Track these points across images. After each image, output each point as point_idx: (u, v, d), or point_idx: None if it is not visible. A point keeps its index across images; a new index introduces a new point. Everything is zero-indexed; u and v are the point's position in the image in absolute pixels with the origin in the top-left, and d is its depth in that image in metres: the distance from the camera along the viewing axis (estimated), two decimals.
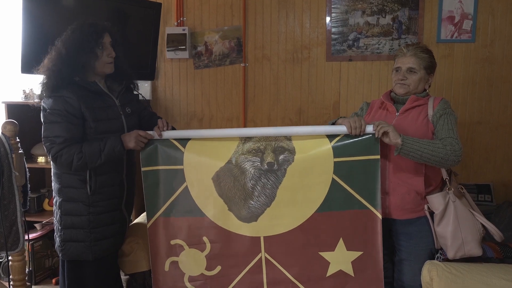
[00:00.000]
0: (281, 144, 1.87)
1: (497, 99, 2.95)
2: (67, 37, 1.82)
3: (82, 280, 1.90)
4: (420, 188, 1.85)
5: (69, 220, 1.87)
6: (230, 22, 3.14)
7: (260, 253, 1.89)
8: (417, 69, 1.86)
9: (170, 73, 3.25)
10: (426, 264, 1.86)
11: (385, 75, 3.01)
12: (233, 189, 1.89)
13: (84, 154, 1.76)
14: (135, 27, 2.82)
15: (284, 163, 1.86)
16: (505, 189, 2.98)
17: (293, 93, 3.13)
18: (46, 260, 2.75)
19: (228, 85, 3.20)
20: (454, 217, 1.81)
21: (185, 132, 1.99)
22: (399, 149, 1.71)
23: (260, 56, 3.14)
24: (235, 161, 1.89)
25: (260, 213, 1.89)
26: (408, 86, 1.88)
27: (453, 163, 1.74)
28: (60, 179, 1.88)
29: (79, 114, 1.79)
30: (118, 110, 1.93)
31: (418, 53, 1.87)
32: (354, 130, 1.77)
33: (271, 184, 1.87)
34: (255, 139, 1.89)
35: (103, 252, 1.91)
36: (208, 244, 1.92)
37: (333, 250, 1.86)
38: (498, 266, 1.84)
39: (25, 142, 2.25)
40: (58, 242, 1.91)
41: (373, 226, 1.82)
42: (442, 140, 1.75)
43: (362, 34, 3.01)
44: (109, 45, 1.86)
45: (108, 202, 1.91)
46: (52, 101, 1.77)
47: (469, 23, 2.90)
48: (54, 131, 1.77)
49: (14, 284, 2.02)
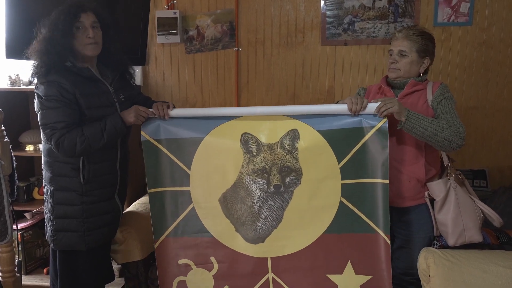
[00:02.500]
0: (287, 164, 1.82)
1: (493, 84, 2.92)
2: (48, 19, 1.76)
3: (74, 270, 1.87)
4: (420, 175, 1.83)
5: (61, 209, 1.83)
6: (222, 5, 3.06)
7: (268, 274, 1.89)
8: (407, 52, 1.83)
9: (161, 58, 3.17)
10: (423, 251, 1.85)
11: (381, 59, 2.96)
12: (239, 210, 1.87)
13: (87, 136, 1.72)
14: (124, 10, 2.73)
15: (291, 185, 1.83)
16: (500, 175, 2.98)
17: (287, 78, 3.07)
18: (37, 250, 2.71)
19: (221, 70, 3.13)
20: (455, 204, 1.80)
21: (188, 111, 1.94)
22: (402, 124, 1.68)
23: (253, 40, 3.07)
24: (241, 183, 1.86)
25: (267, 234, 1.87)
26: (399, 71, 1.85)
27: (456, 146, 1.72)
28: (52, 168, 1.83)
29: (74, 99, 1.75)
30: (112, 97, 1.88)
31: (410, 35, 1.83)
32: (355, 105, 1.71)
33: (278, 206, 1.85)
34: (259, 158, 1.83)
35: (96, 242, 1.88)
36: (215, 264, 1.91)
37: (341, 273, 1.85)
38: (495, 253, 1.84)
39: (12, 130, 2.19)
40: (50, 232, 1.86)
41: (381, 251, 1.79)
42: (447, 122, 1.72)
43: (357, 18, 2.95)
44: (88, 25, 1.77)
45: (102, 191, 1.87)
46: (46, 87, 1.71)
47: (466, 6, 2.84)
48: (53, 117, 1.71)
49: (3, 276, 1.98)
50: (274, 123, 1.81)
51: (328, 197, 1.81)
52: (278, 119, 1.81)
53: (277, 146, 1.82)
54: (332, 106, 1.82)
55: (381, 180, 1.75)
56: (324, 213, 1.82)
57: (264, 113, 1.86)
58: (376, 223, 1.78)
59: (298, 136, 1.80)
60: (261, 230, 1.86)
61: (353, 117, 1.75)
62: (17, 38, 2.14)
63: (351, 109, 1.72)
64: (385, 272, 1.81)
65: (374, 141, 1.74)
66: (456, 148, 1.73)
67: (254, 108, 1.93)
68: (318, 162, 1.80)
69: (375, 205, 1.77)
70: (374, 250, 1.80)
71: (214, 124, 1.84)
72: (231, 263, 1.90)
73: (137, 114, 1.81)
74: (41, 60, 1.73)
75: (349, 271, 1.84)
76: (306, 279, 1.87)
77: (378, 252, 1.79)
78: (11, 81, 2.69)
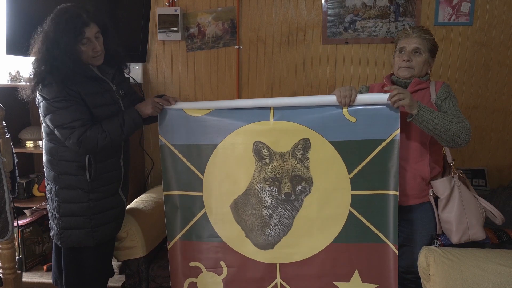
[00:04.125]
0: (298, 173, 1.84)
1: (493, 84, 2.93)
2: (46, 28, 1.70)
3: (80, 266, 1.88)
4: (425, 173, 1.83)
5: (68, 207, 1.83)
6: (223, 3, 3.06)
7: (276, 279, 1.92)
8: (422, 50, 1.82)
9: (162, 56, 3.16)
10: (423, 250, 1.86)
11: (382, 58, 2.97)
12: (250, 217, 1.90)
13: (107, 132, 1.74)
14: (125, 8, 2.72)
15: (301, 194, 1.85)
16: (499, 174, 2.99)
17: (288, 76, 3.07)
18: (36, 247, 2.71)
19: (222, 68, 3.13)
20: (459, 202, 1.81)
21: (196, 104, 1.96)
22: (413, 117, 1.68)
23: (255, 39, 3.07)
24: (252, 190, 1.89)
25: (276, 241, 1.89)
26: (413, 70, 1.83)
27: (463, 141, 1.72)
28: (56, 167, 1.82)
29: (80, 98, 1.74)
30: (116, 94, 1.88)
31: (423, 34, 1.84)
32: (344, 99, 1.72)
33: (288, 214, 1.87)
34: (271, 166, 1.85)
35: (104, 238, 1.90)
36: (225, 268, 1.94)
37: (348, 281, 1.86)
38: (495, 252, 1.84)
39: (12, 127, 2.18)
40: (56, 230, 1.86)
41: (389, 260, 1.81)
42: (456, 117, 1.73)
43: (358, 16, 2.95)
44: (93, 38, 1.74)
45: (107, 187, 1.88)
46: (52, 89, 1.69)
47: (467, 6, 2.85)
48: (68, 117, 1.70)
49: (4, 273, 1.98)
50: (286, 131, 1.82)
51: (337, 206, 1.82)
52: (290, 127, 1.82)
53: (288, 155, 1.84)
54: (323, 97, 1.82)
55: (391, 191, 1.77)
56: (333, 223, 1.84)
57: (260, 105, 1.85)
58: (384, 233, 1.80)
59: (309, 145, 1.81)
60: (271, 236, 1.89)
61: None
62: (17, 34, 2.13)
63: (340, 102, 1.73)
64: (392, 280, 1.82)
65: (386, 153, 1.75)
66: (463, 143, 1.74)
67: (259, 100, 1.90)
68: (328, 172, 1.82)
69: (385, 216, 1.78)
70: (382, 260, 1.81)
71: (228, 131, 1.86)
72: (240, 268, 1.92)
73: (154, 105, 1.86)
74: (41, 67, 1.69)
75: (356, 279, 1.85)
76: (313, 286, 1.89)
77: (386, 261, 1.81)
78: (11, 77, 2.68)
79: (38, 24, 1.75)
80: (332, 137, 1.79)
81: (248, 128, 1.84)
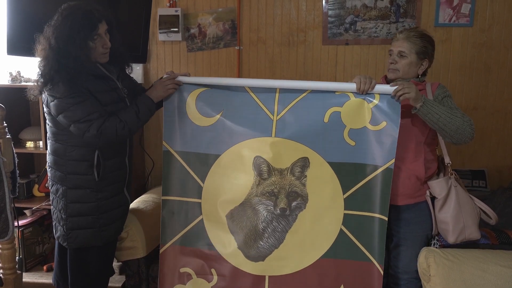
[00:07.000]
0: (295, 189, 1.88)
1: (493, 85, 2.93)
2: (57, 25, 1.68)
3: (87, 266, 1.87)
4: (420, 173, 1.84)
5: (76, 207, 1.82)
6: (224, 4, 3.06)
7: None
8: (407, 53, 1.84)
9: (163, 56, 3.17)
10: (423, 251, 1.86)
11: (382, 59, 2.97)
12: (244, 228, 1.93)
13: (124, 121, 1.75)
14: (126, 8, 2.72)
15: (296, 209, 1.89)
16: (499, 175, 2.99)
17: (289, 77, 3.07)
18: (36, 247, 2.71)
19: (222, 69, 3.13)
20: (456, 202, 1.82)
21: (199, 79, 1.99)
22: (418, 108, 1.70)
23: (255, 39, 3.07)
24: (249, 202, 1.91)
25: (268, 253, 1.92)
26: (398, 71, 1.87)
27: (467, 136, 1.74)
28: (64, 167, 1.80)
29: (91, 94, 1.74)
30: (122, 92, 1.88)
31: (410, 37, 1.85)
32: (364, 85, 1.75)
33: (281, 228, 1.91)
34: (269, 181, 1.88)
35: (111, 236, 1.91)
36: (215, 276, 1.96)
37: None
38: (495, 253, 1.85)
39: (12, 127, 2.18)
40: (63, 231, 1.85)
41: (374, 279, 1.85)
42: (460, 113, 1.75)
43: (359, 17, 2.95)
44: (104, 35, 1.75)
45: (113, 186, 1.89)
46: (63, 86, 1.67)
47: (467, 7, 2.85)
48: (84, 111, 1.69)
49: (4, 273, 1.98)
50: (286, 149, 1.86)
51: (329, 224, 1.87)
52: (291, 146, 1.86)
53: (287, 171, 1.88)
54: (341, 84, 1.87)
55: (382, 216, 1.81)
56: (324, 238, 1.88)
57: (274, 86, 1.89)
58: (371, 253, 1.85)
59: (308, 164, 1.86)
60: (263, 248, 1.91)
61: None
62: (18, 34, 2.12)
63: (359, 88, 1.76)
64: None
65: (379, 179, 1.80)
66: (468, 139, 1.75)
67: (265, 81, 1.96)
68: (324, 191, 1.87)
69: (373, 237, 1.84)
70: (367, 278, 1.86)
71: (231, 143, 1.90)
72: (230, 277, 1.94)
73: (165, 88, 1.88)
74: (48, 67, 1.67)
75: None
76: None
77: (371, 279, 1.85)
78: (11, 77, 2.68)
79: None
80: (331, 158, 1.84)
81: (250, 143, 1.89)
